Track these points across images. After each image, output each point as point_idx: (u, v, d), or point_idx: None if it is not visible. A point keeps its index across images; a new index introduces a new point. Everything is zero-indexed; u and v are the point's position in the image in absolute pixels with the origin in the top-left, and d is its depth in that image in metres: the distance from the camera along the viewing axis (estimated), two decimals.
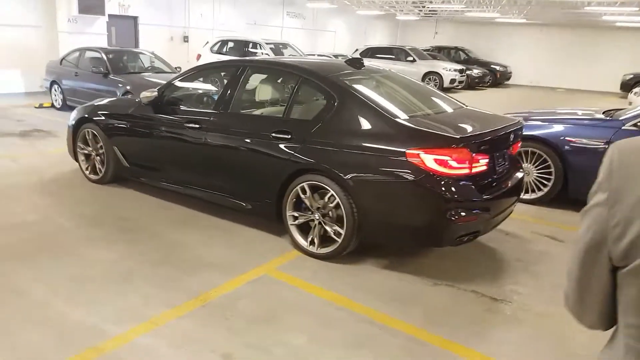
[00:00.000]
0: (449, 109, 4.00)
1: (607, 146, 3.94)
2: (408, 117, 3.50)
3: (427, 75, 17.50)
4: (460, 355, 2.64)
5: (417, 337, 2.76)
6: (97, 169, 5.18)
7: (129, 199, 4.85)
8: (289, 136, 3.70)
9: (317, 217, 3.62)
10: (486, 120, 3.83)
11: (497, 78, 20.99)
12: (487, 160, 3.37)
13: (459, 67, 18.44)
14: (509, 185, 3.68)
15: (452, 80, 17.65)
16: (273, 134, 3.77)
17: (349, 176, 3.38)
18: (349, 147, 3.44)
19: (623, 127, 4.61)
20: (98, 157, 5.15)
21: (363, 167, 3.36)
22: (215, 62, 5.44)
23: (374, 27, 25.28)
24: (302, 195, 3.66)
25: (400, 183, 3.25)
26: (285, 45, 14.81)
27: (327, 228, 3.58)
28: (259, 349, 2.59)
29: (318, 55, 16.62)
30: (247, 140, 3.95)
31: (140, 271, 3.37)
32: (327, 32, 22.84)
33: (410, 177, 3.20)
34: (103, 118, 5.03)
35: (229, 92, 4.23)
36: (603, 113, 5.10)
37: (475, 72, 19.62)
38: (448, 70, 17.82)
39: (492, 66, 21.04)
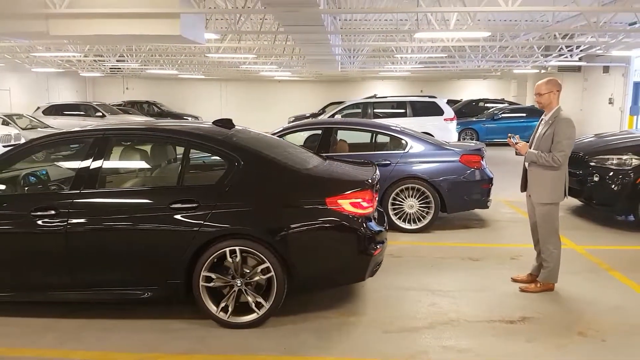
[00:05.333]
0: (324, 160, 4.25)
1: None
2: (313, 168, 3.78)
3: None
4: None
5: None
6: None
7: None
8: (195, 205, 3.44)
9: (240, 283, 3.45)
10: (357, 167, 4.26)
11: None
12: (377, 198, 3.89)
13: (151, 120, 19.43)
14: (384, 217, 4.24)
15: None
16: (171, 206, 3.46)
17: (274, 234, 3.41)
18: (267, 205, 3.50)
19: None
20: None
21: (286, 222, 3.45)
22: (64, 132, 4.28)
23: (57, 84, 23.83)
24: (230, 259, 3.43)
25: (324, 229, 3.49)
26: None
27: (249, 298, 3.45)
28: None
29: None
30: (134, 218, 3.50)
31: None
32: (0, 90, 20.42)
33: (333, 222, 3.47)
34: None
35: (90, 166, 3.66)
36: None
37: None
38: None
39: (184, 117, 22.76)
